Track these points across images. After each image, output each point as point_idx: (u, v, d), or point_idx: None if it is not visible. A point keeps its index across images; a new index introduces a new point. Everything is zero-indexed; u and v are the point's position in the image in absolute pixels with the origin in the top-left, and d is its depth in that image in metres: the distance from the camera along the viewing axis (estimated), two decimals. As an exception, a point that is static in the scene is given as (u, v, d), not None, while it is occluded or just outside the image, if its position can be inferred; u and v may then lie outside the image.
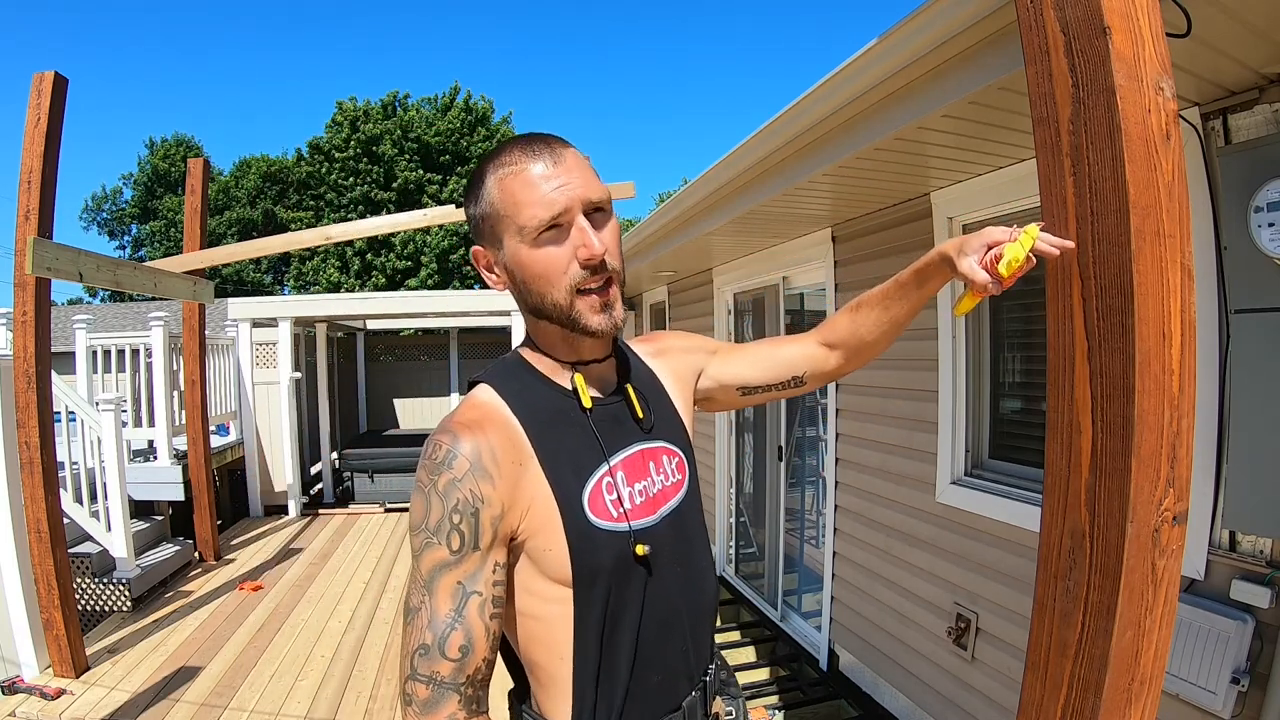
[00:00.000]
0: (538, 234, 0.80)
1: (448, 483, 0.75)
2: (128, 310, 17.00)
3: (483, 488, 0.75)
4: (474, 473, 0.75)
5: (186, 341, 5.36)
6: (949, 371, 2.79)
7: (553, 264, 0.81)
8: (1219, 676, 1.72)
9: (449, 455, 0.76)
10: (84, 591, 4.31)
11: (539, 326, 0.88)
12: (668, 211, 4.22)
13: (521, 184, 0.80)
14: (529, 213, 0.79)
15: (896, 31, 1.81)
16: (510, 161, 0.81)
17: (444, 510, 0.74)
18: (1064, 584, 0.87)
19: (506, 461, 0.78)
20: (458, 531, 0.74)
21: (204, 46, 55.99)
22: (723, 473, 5.40)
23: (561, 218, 0.80)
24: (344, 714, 3.08)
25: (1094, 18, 0.82)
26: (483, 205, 0.84)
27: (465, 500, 0.74)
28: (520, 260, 0.82)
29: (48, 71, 3.22)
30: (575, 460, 0.83)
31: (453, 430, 0.78)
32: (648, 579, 0.83)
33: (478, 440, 0.77)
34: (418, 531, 0.75)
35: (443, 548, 0.74)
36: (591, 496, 0.82)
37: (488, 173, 0.83)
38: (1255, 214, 1.57)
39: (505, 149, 0.83)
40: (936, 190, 2.81)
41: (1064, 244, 0.81)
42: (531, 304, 0.84)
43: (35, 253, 3.01)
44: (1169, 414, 0.82)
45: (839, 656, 3.71)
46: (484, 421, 0.80)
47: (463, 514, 0.74)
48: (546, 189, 0.79)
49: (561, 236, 0.81)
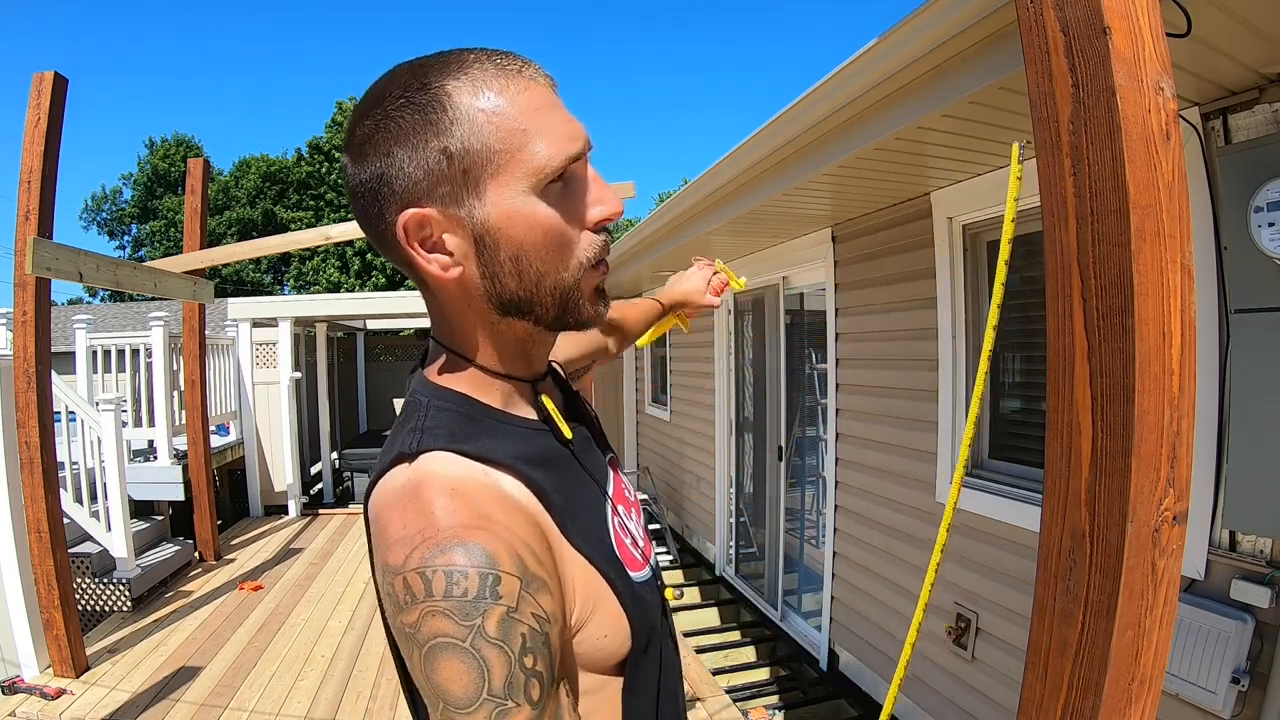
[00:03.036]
0: (550, 182, 0.56)
1: (501, 620, 0.49)
2: (128, 310, 17.00)
3: (543, 603, 0.52)
4: (528, 588, 0.51)
5: (186, 341, 5.36)
6: (949, 371, 2.79)
7: (568, 229, 0.57)
8: (1219, 676, 1.73)
9: (484, 580, 0.49)
10: (84, 591, 4.31)
11: (497, 330, 0.61)
12: (668, 211, 4.23)
13: (533, 103, 0.55)
14: (551, 147, 0.54)
15: (896, 31, 1.81)
16: (502, 75, 0.55)
17: (511, 661, 0.49)
18: (1064, 584, 0.87)
19: (543, 552, 0.55)
20: (535, 677, 0.50)
21: (204, 46, 56.03)
22: (723, 473, 5.40)
23: (578, 164, 0.57)
24: (344, 714, 3.08)
25: (1094, 18, 0.82)
26: (448, 139, 0.53)
27: (532, 631, 0.51)
28: (522, 218, 0.55)
29: (48, 71, 3.22)
30: (591, 512, 0.64)
31: (460, 541, 0.50)
32: (670, 619, 0.70)
33: (505, 539, 0.52)
34: (475, 706, 0.48)
35: (524, 707, 0.49)
36: (620, 549, 0.65)
37: (456, 89, 0.53)
38: (1255, 214, 1.57)
39: (471, 57, 0.55)
40: (936, 190, 2.81)
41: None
42: (511, 291, 0.58)
43: (35, 253, 3.02)
44: (1169, 414, 0.82)
45: (839, 656, 3.71)
46: (488, 509, 0.54)
47: (535, 651, 0.50)
48: (566, 116, 0.57)
49: (570, 189, 0.57)
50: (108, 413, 4.30)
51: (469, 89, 0.54)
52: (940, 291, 2.82)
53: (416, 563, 0.50)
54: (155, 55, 55.19)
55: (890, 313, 3.20)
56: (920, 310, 2.96)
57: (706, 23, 68.60)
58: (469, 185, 0.55)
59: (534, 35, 62.43)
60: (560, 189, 0.57)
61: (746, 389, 5.12)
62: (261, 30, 57.08)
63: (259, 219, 26.20)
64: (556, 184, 0.56)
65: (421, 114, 0.53)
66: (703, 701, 3.11)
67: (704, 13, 67.98)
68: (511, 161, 0.54)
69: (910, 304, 3.03)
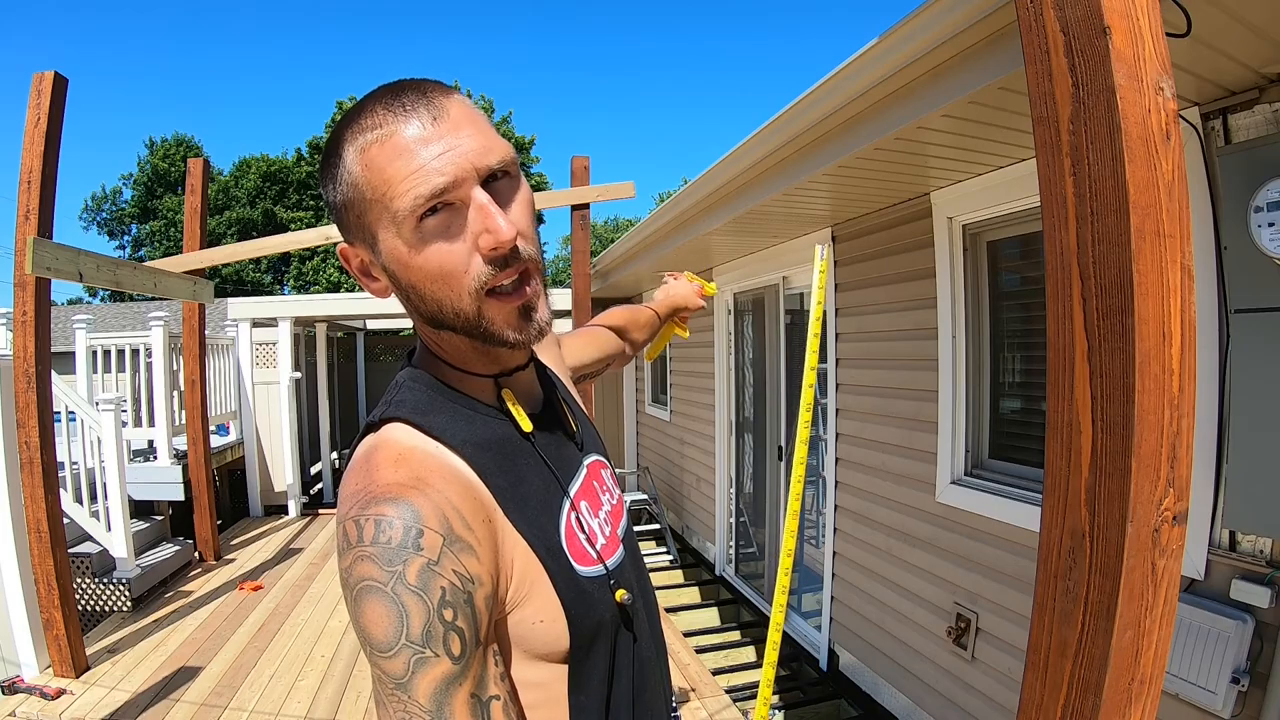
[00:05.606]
0: (419, 221, 0.59)
1: (421, 570, 0.53)
2: (128, 310, 17.00)
3: (467, 563, 0.56)
4: (450, 546, 0.55)
5: (186, 341, 5.36)
6: (949, 371, 2.79)
7: (449, 261, 0.60)
8: (1219, 676, 1.73)
9: (407, 532, 0.54)
10: (84, 591, 4.31)
11: (440, 336, 0.67)
12: (668, 211, 4.23)
13: (391, 153, 0.58)
14: (405, 193, 0.58)
15: (896, 31, 1.82)
16: (373, 124, 0.59)
17: (429, 610, 0.53)
18: (1064, 584, 0.87)
19: (477, 521, 0.59)
20: (455, 631, 0.54)
21: (204, 46, 56.02)
22: (723, 473, 5.40)
23: (451, 193, 0.58)
24: (344, 714, 3.08)
25: (1094, 17, 0.82)
26: (343, 189, 0.61)
27: (452, 587, 0.54)
28: (402, 261, 0.61)
29: (47, 71, 3.22)
30: (541, 500, 0.67)
31: (393, 497, 0.56)
32: (632, 622, 0.70)
33: (435, 501, 0.56)
34: (394, 650, 0.52)
35: (442, 659, 0.53)
36: (569, 541, 0.66)
37: (344, 142, 0.60)
38: (1255, 214, 1.57)
39: (366, 106, 0.60)
40: (936, 190, 2.81)
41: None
42: (427, 312, 0.63)
43: (35, 253, 3.02)
44: (1169, 414, 0.82)
45: (839, 656, 3.71)
46: (427, 474, 0.58)
47: (455, 606, 0.54)
48: (426, 156, 0.58)
49: (455, 221, 0.59)
50: (108, 413, 4.30)
51: (351, 144, 0.60)
52: (940, 291, 2.82)
53: (355, 512, 0.56)
54: (155, 55, 55.21)
55: (890, 313, 3.20)
56: (920, 310, 2.96)
57: (707, 23, 68.62)
58: (364, 229, 0.62)
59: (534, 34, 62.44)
60: (442, 221, 0.59)
61: (746, 389, 5.12)
62: (261, 30, 57.09)
63: (259, 219, 26.19)
64: (437, 218, 0.59)
65: (328, 168, 0.63)
66: (703, 701, 3.11)
67: (705, 13, 67.99)
68: (384, 210, 0.60)
69: (910, 304, 3.03)
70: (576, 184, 4.60)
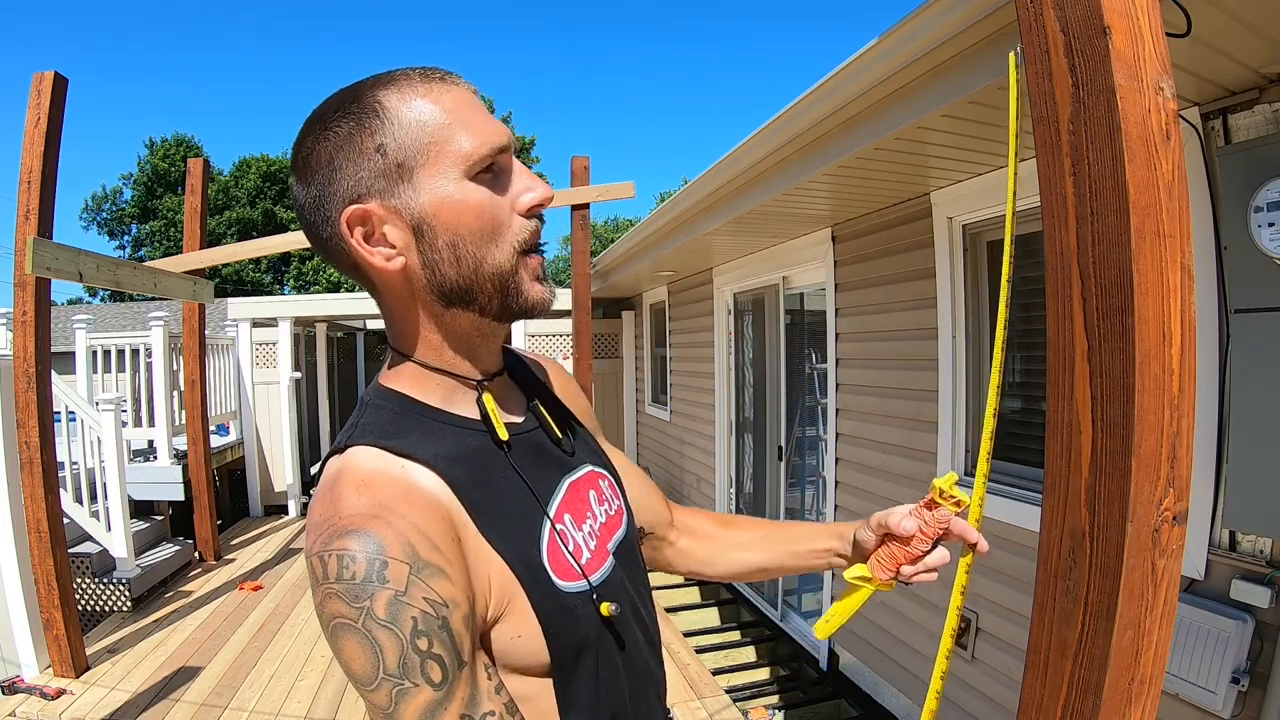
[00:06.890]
0: (477, 174, 0.60)
1: (389, 603, 0.52)
2: (128, 310, 16.99)
3: (439, 587, 0.55)
4: (419, 574, 0.54)
5: (186, 341, 5.36)
6: (949, 371, 2.79)
7: (500, 214, 0.61)
8: (1219, 676, 1.73)
9: (371, 565, 0.53)
10: (84, 591, 4.31)
11: (443, 320, 0.65)
12: (668, 211, 4.23)
13: (459, 101, 0.60)
14: (479, 138, 0.59)
15: (896, 31, 1.82)
16: (423, 78, 0.60)
17: (402, 642, 0.52)
18: (1064, 584, 0.87)
19: (445, 542, 0.57)
20: (432, 659, 0.53)
21: (204, 46, 56.04)
22: (723, 473, 5.40)
23: (504, 155, 0.61)
24: (344, 714, 3.08)
25: (1094, 17, 0.82)
26: (384, 133, 0.59)
27: (425, 615, 0.53)
28: (454, 203, 0.59)
29: (47, 71, 3.22)
30: (518, 514, 0.65)
31: (354, 529, 0.54)
32: (623, 635, 0.69)
33: (399, 529, 0.55)
34: (375, 684, 0.52)
35: (423, 688, 0.53)
36: (551, 556, 0.65)
37: (386, 96, 0.59)
38: (1255, 214, 1.57)
39: (399, 72, 0.61)
40: (936, 190, 2.81)
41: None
42: (452, 280, 0.62)
43: (35, 253, 3.02)
44: (1169, 414, 0.82)
45: (839, 656, 3.71)
46: (389, 500, 0.57)
47: (429, 634, 0.53)
48: (487, 116, 0.62)
49: (497, 182, 0.62)
50: (108, 413, 4.30)
51: (397, 95, 0.59)
52: (940, 291, 2.82)
53: (319, 547, 0.54)
54: (155, 55, 55.22)
55: (890, 313, 3.20)
56: (920, 310, 2.96)
57: (707, 23, 68.65)
58: (403, 176, 0.59)
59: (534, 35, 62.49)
60: (490, 179, 0.61)
61: (746, 389, 5.12)
62: (261, 30, 57.12)
63: (259, 219, 26.21)
64: (485, 174, 0.60)
65: (357, 120, 0.59)
66: (703, 701, 3.11)
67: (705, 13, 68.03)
68: (441, 152, 0.59)
69: (910, 304, 3.03)
70: (576, 184, 4.60)
